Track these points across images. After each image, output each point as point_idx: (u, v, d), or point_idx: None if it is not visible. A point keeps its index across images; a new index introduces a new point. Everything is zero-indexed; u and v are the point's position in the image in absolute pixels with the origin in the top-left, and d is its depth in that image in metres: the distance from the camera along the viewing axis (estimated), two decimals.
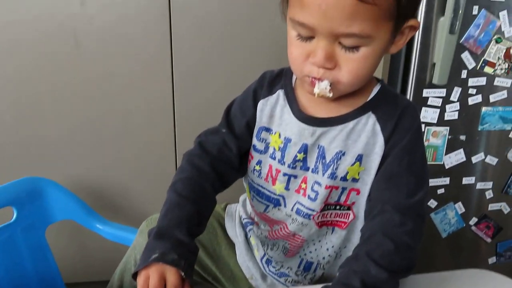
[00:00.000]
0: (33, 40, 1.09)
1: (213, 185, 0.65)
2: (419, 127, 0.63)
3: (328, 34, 0.52)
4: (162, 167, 1.20)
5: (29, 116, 1.15)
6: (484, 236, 1.32)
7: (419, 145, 0.63)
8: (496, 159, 1.25)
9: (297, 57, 0.57)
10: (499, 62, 1.18)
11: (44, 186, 0.97)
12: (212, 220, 0.78)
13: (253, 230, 0.74)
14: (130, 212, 1.22)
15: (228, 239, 0.78)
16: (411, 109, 0.63)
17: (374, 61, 0.56)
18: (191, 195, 0.62)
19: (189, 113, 1.18)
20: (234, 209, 0.80)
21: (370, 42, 0.53)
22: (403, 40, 0.58)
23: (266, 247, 0.73)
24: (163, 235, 0.57)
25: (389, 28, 0.54)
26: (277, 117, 0.65)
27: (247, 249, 0.75)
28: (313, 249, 0.70)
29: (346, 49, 0.54)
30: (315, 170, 0.64)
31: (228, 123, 0.69)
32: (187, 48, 1.13)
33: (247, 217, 0.75)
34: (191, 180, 0.64)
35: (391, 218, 0.58)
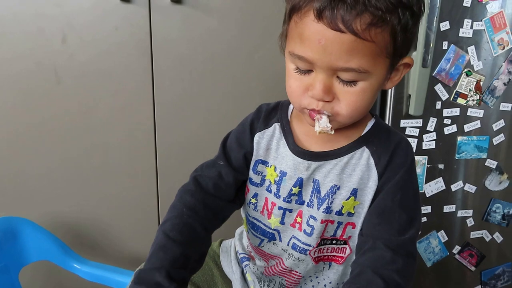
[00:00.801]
0: (14, 76, 1.08)
1: (205, 225, 0.63)
2: (412, 163, 0.64)
3: (327, 68, 0.54)
4: (144, 203, 1.18)
5: (7, 152, 1.12)
6: (468, 265, 1.32)
7: (412, 181, 0.63)
8: (475, 187, 1.28)
9: (296, 89, 0.58)
10: (470, 94, 1.23)
11: (19, 226, 0.94)
12: (208, 260, 0.76)
13: (249, 266, 0.72)
14: (109, 250, 1.18)
15: (225, 278, 0.76)
16: (405, 145, 0.64)
17: (371, 95, 0.57)
18: (178, 237, 0.60)
19: (170, 148, 1.17)
20: (229, 245, 0.78)
21: (367, 77, 0.54)
22: (398, 76, 0.60)
23: (262, 283, 0.71)
24: (143, 279, 0.56)
25: (386, 64, 0.56)
26: (273, 150, 0.66)
27: (243, 285, 0.73)
28: (310, 286, 0.69)
29: (344, 83, 0.55)
30: (310, 204, 0.64)
31: (225, 155, 0.68)
32: (169, 84, 1.14)
33: (243, 252, 0.74)
34: (180, 219, 0.62)
35: (382, 255, 0.58)
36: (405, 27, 0.53)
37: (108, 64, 1.11)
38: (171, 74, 1.14)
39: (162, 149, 1.17)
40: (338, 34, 0.51)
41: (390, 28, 0.52)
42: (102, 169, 1.16)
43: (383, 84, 0.59)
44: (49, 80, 1.10)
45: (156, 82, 1.13)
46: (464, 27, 1.18)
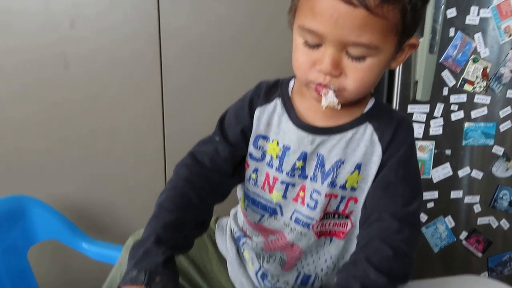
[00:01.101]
0: (23, 60, 1.08)
1: (200, 195, 0.63)
2: (413, 141, 0.65)
3: (337, 42, 0.54)
4: (151, 185, 1.18)
5: (16, 134, 1.12)
6: (475, 251, 1.33)
7: (413, 158, 0.65)
8: (482, 173, 1.29)
9: (303, 64, 0.58)
10: (477, 81, 1.24)
11: (28, 205, 0.94)
12: (203, 235, 0.75)
13: (247, 243, 0.72)
14: (116, 231, 1.18)
15: (219, 255, 0.76)
16: (406, 122, 0.65)
17: (378, 72, 0.57)
18: (171, 206, 0.60)
19: (178, 132, 1.17)
20: (225, 223, 0.78)
21: (376, 53, 0.55)
22: (403, 57, 0.61)
23: (261, 260, 0.71)
24: (135, 251, 0.56)
25: (394, 42, 0.56)
26: (275, 125, 0.66)
27: (239, 264, 0.73)
28: (311, 261, 0.69)
29: (353, 58, 0.55)
30: (313, 179, 0.64)
31: (222, 131, 0.68)
32: (177, 70, 1.15)
33: (239, 230, 0.74)
34: (175, 190, 0.63)
35: (388, 225, 0.59)
36: (414, 7, 0.54)
37: (116, 50, 1.11)
38: (180, 60, 1.14)
39: (170, 133, 1.17)
40: (351, 8, 0.51)
41: (401, 6, 0.53)
42: (110, 152, 1.16)
43: (389, 64, 0.60)
44: (57, 65, 1.10)
45: (164, 68, 1.13)
46: (471, 14, 1.19)
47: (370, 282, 0.54)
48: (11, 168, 1.13)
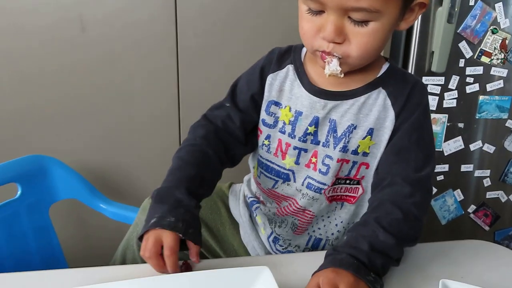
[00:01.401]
0: (40, 23, 1.10)
1: (217, 152, 0.66)
2: (427, 104, 0.65)
3: (338, 8, 0.54)
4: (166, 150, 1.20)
5: (36, 98, 1.15)
6: (482, 224, 1.34)
7: (427, 122, 0.64)
8: (494, 147, 1.28)
9: (308, 31, 0.58)
10: (495, 52, 1.21)
11: (49, 164, 0.98)
12: (216, 199, 0.79)
13: (259, 208, 0.74)
14: (132, 194, 1.23)
15: (232, 219, 0.78)
16: (420, 86, 0.64)
17: (383, 36, 0.57)
18: (192, 160, 0.63)
19: (193, 97, 1.19)
20: (238, 189, 0.80)
21: (379, 17, 0.54)
22: (413, 17, 0.59)
23: (273, 224, 0.73)
24: (163, 196, 0.58)
25: (398, 3, 0.55)
26: (287, 91, 0.66)
27: (252, 228, 0.75)
28: (322, 226, 0.71)
29: (355, 23, 0.55)
30: (325, 144, 0.65)
31: (232, 98, 0.70)
32: (192, 34, 1.15)
33: (252, 196, 0.75)
34: (194, 146, 0.65)
35: (400, 190, 0.60)
36: None
37: (132, 12, 1.12)
38: (195, 24, 1.14)
39: (185, 97, 1.19)
40: None
41: None
42: (126, 116, 1.19)
43: (397, 25, 0.59)
44: (74, 28, 1.11)
45: (179, 30, 1.14)
46: None
47: (379, 242, 0.56)
48: (33, 131, 1.17)
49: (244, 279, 0.52)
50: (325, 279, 0.51)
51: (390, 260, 0.57)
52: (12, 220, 0.90)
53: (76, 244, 1.20)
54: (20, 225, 0.92)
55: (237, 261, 0.65)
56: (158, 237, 0.55)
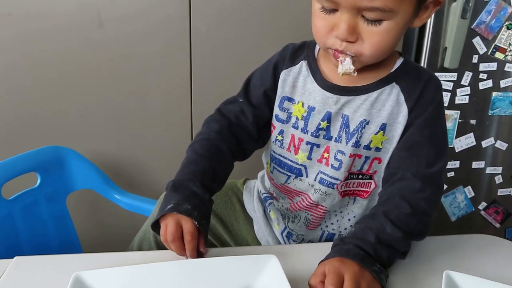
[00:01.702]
0: (59, 19, 1.13)
1: (230, 147, 0.67)
2: (441, 100, 0.65)
3: (351, 7, 0.54)
4: (179, 144, 1.23)
5: (54, 92, 1.19)
6: (493, 221, 1.33)
7: (441, 117, 0.64)
8: (506, 144, 1.27)
9: (320, 29, 0.58)
10: (510, 48, 1.20)
11: (67, 155, 1.01)
12: (231, 195, 0.80)
13: (273, 203, 0.75)
14: (145, 186, 1.26)
15: (246, 215, 0.80)
16: (434, 81, 0.64)
17: (396, 35, 0.57)
18: (206, 153, 0.65)
19: (205, 91, 1.21)
20: (252, 185, 0.81)
21: (392, 16, 0.54)
22: (427, 14, 0.59)
23: (287, 220, 0.73)
24: (178, 187, 0.60)
25: (413, 2, 0.55)
26: (300, 87, 0.67)
27: (266, 223, 0.76)
28: (334, 221, 0.72)
29: (368, 22, 0.55)
30: (338, 139, 0.65)
31: (246, 93, 0.71)
32: (206, 30, 1.17)
33: (266, 192, 0.77)
34: (208, 140, 0.67)
35: (411, 184, 0.60)
36: None
37: (148, 9, 1.14)
38: (208, 19, 1.16)
39: (197, 92, 1.21)
40: None
41: None
42: (141, 110, 1.22)
43: (411, 23, 0.58)
44: (92, 24, 1.14)
45: (193, 27, 1.16)
46: None
47: (385, 235, 0.57)
48: (51, 124, 1.21)
49: (252, 267, 0.54)
50: (330, 268, 0.53)
51: (396, 253, 0.58)
52: (32, 207, 0.94)
53: (91, 232, 1.24)
54: (39, 212, 0.96)
55: (246, 249, 0.67)
56: (178, 221, 0.57)
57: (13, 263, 0.59)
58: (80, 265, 0.57)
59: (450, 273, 0.53)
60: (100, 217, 1.27)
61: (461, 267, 0.60)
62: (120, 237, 1.01)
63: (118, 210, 1.05)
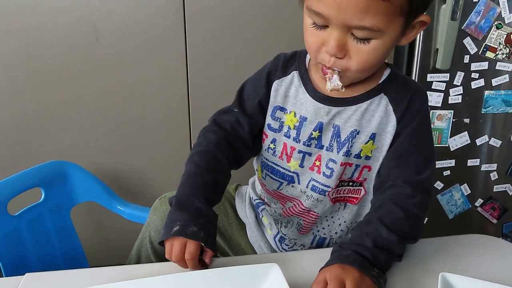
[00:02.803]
0: (56, 34, 1.15)
1: (228, 158, 0.69)
2: (427, 110, 0.67)
3: (341, 25, 0.55)
4: (177, 151, 1.25)
5: (53, 107, 1.21)
6: (490, 217, 1.35)
7: (427, 126, 0.67)
8: (500, 141, 1.29)
9: (312, 44, 0.60)
10: (500, 47, 1.22)
11: (69, 169, 1.03)
12: (224, 201, 0.82)
13: (265, 209, 0.76)
14: (146, 195, 1.28)
15: (239, 220, 0.81)
16: (421, 92, 0.67)
17: (383, 53, 0.59)
18: (207, 165, 0.65)
19: (202, 99, 1.23)
20: (244, 191, 0.83)
21: (381, 35, 0.56)
22: (414, 33, 0.61)
23: (279, 225, 0.75)
24: (183, 205, 0.61)
25: (400, 23, 0.57)
26: (292, 97, 0.69)
27: (258, 229, 0.78)
28: (326, 225, 0.74)
29: (358, 40, 0.57)
30: (329, 149, 0.67)
31: (240, 103, 0.72)
32: (200, 37, 1.18)
33: (257, 198, 0.78)
34: (207, 152, 0.68)
35: (402, 191, 0.62)
36: None
37: (142, 20, 1.16)
38: (203, 28, 1.17)
39: (194, 100, 1.23)
40: None
41: None
42: (139, 120, 1.24)
43: (397, 41, 0.60)
44: (88, 36, 1.16)
45: (188, 36, 1.18)
46: None
47: (382, 240, 0.59)
48: (51, 138, 1.23)
49: (255, 276, 0.55)
50: (332, 275, 0.54)
51: (393, 256, 0.60)
52: (38, 222, 0.96)
53: (96, 244, 1.26)
54: (44, 226, 0.98)
55: (246, 259, 0.68)
56: (183, 244, 0.58)
57: (24, 280, 0.60)
58: (89, 280, 0.59)
59: (445, 275, 0.55)
60: (104, 228, 1.29)
61: (457, 268, 0.62)
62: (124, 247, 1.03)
63: (121, 221, 1.07)
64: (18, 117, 1.21)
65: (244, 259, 0.67)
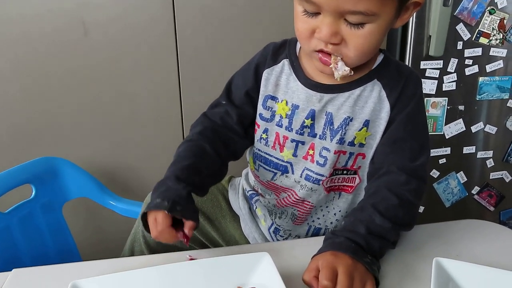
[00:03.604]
0: (43, 28, 1.13)
1: (213, 146, 0.67)
2: (421, 95, 0.66)
3: (334, 11, 0.54)
4: (170, 147, 1.23)
5: (43, 102, 1.19)
6: (487, 205, 1.35)
7: (422, 112, 0.66)
8: (496, 128, 1.28)
9: (303, 32, 0.59)
10: (493, 33, 1.21)
11: (60, 165, 1.02)
12: (217, 193, 0.81)
13: (259, 200, 0.76)
14: (139, 190, 1.26)
15: (232, 212, 0.81)
16: (414, 77, 0.66)
17: (379, 37, 0.58)
18: (188, 154, 0.65)
19: (194, 94, 1.22)
20: (237, 182, 0.82)
21: (375, 19, 0.55)
22: (408, 14, 0.60)
23: (274, 216, 0.75)
24: (156, 188, 0.62)
25: (394, 5, 0.56)
26: (283, 85, 0.68)
27: (252, 220, 0.78)
28: (321, 215, 0.73)
29: (351, 25, 0.56)
30: (322, 137, 0.66)
31: (228, 95, 0.71)
32: (190, 31, 1.17)
33: (251, 189, 0.77)
34: (190, 141, 0.67)
35: (396, 178, 0.62)
36: None
37: (133, 15, 1.14)
38: (193, 23, 1.16)
39: (186, 95, 1.22)
40: None
41: None
42: (130, 116, 1.22)
43: (392, 24, 0.59)
44: (77, 32, 1.15)
45: (178, 31, 1.16)
46: None
47: (375, 226, 0.58)
48: (42, 134, 1.21)
49: (245, 266, 0.55)
50: (324, 262, 0.54)
51: (387, 243, 0.60)
52: (29, 219, 0.95)
53: (89, 239, 1.25)
54: (36, 223, 0.97)
55: (238, 248, 0.67)
56: (153, 219, 0.58)
57: (11, 276, 0.59)
58: (78, 274, 0.58)
59: (440, 260, 0.54)
60: (97, 224, 1.28)
61: (451, 253, 0.61)
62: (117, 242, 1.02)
63: (114, 216, 1.06)
64: (4, 112, 1.19)
65: (235, 249, 0.66)
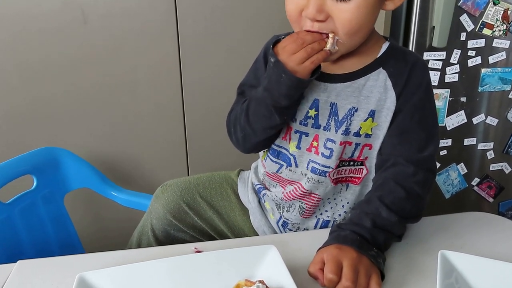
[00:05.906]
0: (42, 18, 1.11)
1: None
2: (429, 82, 0.65)
3: None
4: (171, 136, 1.24)
5: (44, 92, 1.18)
6: (487, 196, 1.36)
7: (430, 101, 0.65)
8: (497, 119, 1.28)
9: (292, 12, 0.59)
10: (497, 24, 1.20)
11: (61, 156, 1.01)
12: (226, 187, 0.81)
13: (267, 194, 0.75)
14: (141, 181, 1.26)
15: (241, 205, 0.80)
16: (421, 64, 0.64)
17: (367, 11, 0.56)
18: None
19: (196, 84, 1.21)
20: (246, 176, 0.81)
21: None
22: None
23: (281, 209, 0.74)
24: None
25: None
26: None
27: (261, 214, 0.77)
28: (328, 208, 0.72)
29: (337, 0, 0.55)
30: (327, 128, 0.65)
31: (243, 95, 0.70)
32: (192, 20, 1.16)
33: (259, 183, 0.77)
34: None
35: (404, 169, 0.61)
36: None
37: (132, 3, 1.12)
38: (194, 11, 1.15)
39: (188, 85, 1.21)
40: None
41: None
42: (132, 106, 1.21)
43: (383, 4, 0.58)
44: (76, 20, 1.13)
45: (179, 20, 1.15)
46: None
47: (381, 219, 0.58)
48: (42, 124, 1.20)
49: (252, 258, 0.55)
50: (329, 255, 0.54)
51: (392, 236, 0.60)
52: (30, 210, 0.94)
53: (91, 230, 1.25)
54: (38, 214, 0.96)
55: (244, 241, 0.68)
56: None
57: (16, 267, 0.59)
58: (83, 266, 0.58)
59: (445, 253, 0.55)
60: (99, 214, 1.28)
61: (456, 245, 0.62)
62: (119, 233, 1.02)
63: (115, 207, 1.06)
64: (8, 106, 1.18)
65: (242, 241, 0.66)
